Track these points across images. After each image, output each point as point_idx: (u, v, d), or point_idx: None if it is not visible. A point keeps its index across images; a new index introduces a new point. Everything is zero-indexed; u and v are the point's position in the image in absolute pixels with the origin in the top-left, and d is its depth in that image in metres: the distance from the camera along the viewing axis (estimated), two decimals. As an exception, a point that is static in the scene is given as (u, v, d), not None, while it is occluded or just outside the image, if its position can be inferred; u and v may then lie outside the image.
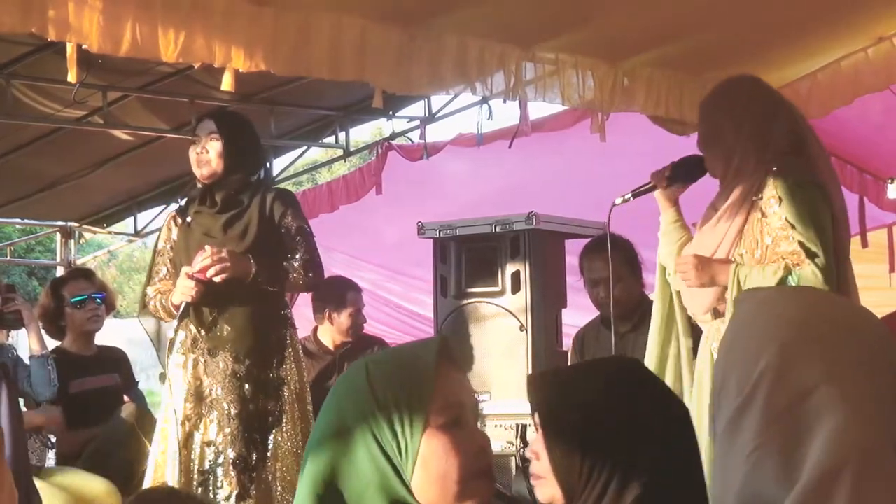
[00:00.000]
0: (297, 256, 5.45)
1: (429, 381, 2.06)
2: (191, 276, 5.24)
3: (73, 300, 6.93)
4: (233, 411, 5.27)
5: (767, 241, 4.56)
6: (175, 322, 5.48)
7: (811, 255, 4.44)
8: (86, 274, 7.38)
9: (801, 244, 4.46)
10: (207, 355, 5.34)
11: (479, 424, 2.17)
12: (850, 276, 4.62)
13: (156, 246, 5.77)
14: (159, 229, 5.88)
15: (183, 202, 5.80)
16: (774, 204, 4.55)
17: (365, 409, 2.04)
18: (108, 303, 7.17)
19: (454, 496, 2.05)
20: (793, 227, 4.49)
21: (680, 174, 4.95)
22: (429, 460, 2.03)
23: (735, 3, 5.61)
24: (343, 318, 7.36)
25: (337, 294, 7.38)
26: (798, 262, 4.45)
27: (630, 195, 5.03)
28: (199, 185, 5.55)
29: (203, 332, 5.35)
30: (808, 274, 4.43)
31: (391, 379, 2.07)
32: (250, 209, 5.44)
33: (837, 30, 6.09)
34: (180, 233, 5.54)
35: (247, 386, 5.29)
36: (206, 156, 5.41)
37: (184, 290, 5.28)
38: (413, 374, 2.07)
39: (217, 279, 5.23)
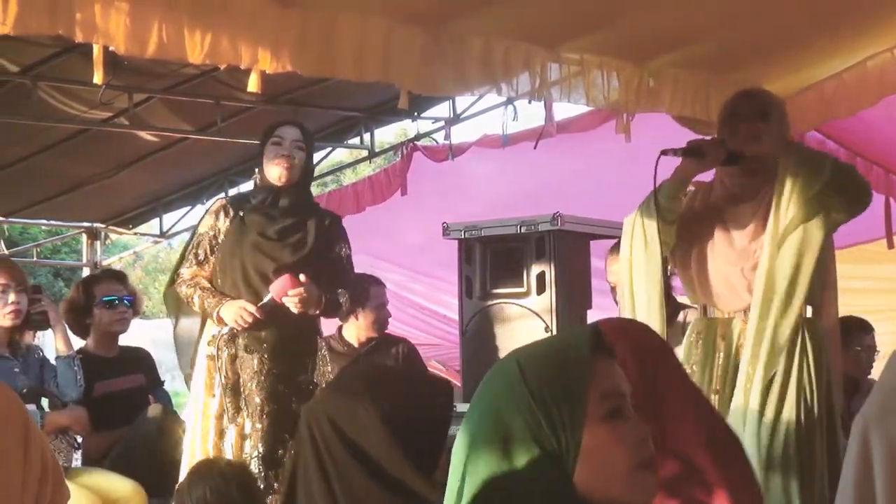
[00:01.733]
0: (347, 286, 5.71)
1: (586, 370, 2.00)
2: (259, 309, 5.40)
3: (103, 299, 6.93)
4: (266, 408, 5.40)
5: None
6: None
7: None
8: (118, 276, 7.39)
9: None
10: (244, 352, 5.46)
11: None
12: None
13: (196, 229, 5.83)
14: (198, 224, 5.91)
15: (234, 193, 5.91)
16: None
17: (521, 405, 1.96)
18: (135, 307, 7.18)
19: (621, 489, 1.98)
20: None
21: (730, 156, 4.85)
22: (592, 453, 1.95)
23: (760, 3, 5.60)
24: (368, 312, 7.35)
25: (360, 290, 7.40)
26: None
27: (680, 151, 4.83)
28: (258, 184, 5.67)
29: (241, 331, 5.47)
30: None
31: (546, 371, 2.00)
32: (308, 224, 5.57)
33: (863, 30, 6.07)
34: (232, 226, 5.62)
35: (280, 386, 5.40)
36: (292, 161, 5.53)
37: (237, 319, 5.42)
38: (568, 364, 2.01)
39: (292, 308, 5.40)
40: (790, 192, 4.60)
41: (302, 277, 5.36)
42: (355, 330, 7.40)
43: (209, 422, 5.48)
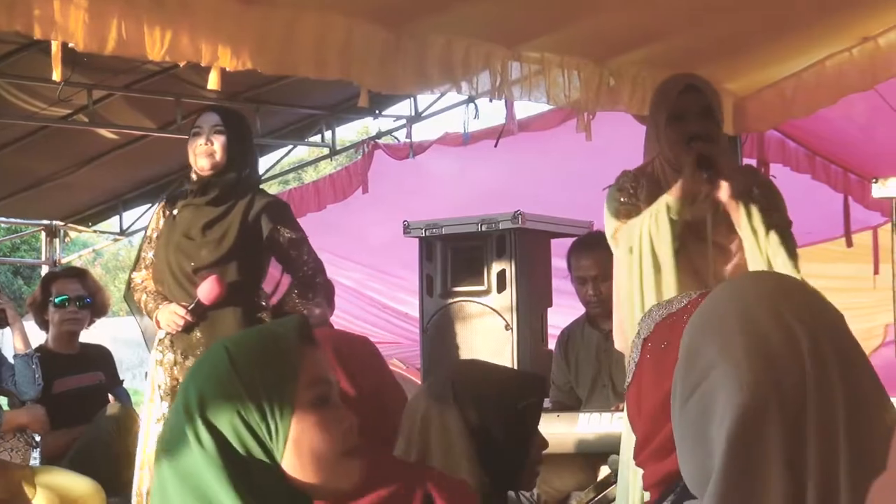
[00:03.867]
0: (297, 275, 5.57)
1: (294, 358, 2.01)
2: (189, 312, 5.28)
3: (56, 299, 6.89)
4: None
5: None
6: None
7: None
8: (79, 274, 7.32)
9: None
10: (181, 357, 5.35)
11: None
12: None
13: (146, 231, 5.77)
14: (146, 226, 5.85)
15: (177, 193, 5.75)
16: None
17: (230, 393, 1.96)
18: (97, 306, 7.11)
19: (328, 476, 2.01)
20: None
21: None
22: (300, 440, 1.97)
23: (719, 2, 5.62)
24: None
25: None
26: None
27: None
28: (194, 179, 5.50)
29: (176, 334, 5.36)
30: None
31: (255, 359, 2.00)
32: (233, 213, 5.41)
33: (822, 29, 6.10)
34: (165, 226, 5.52)
35: None
36: (212, 147, 5.36)
37: (170, 324, 5.31)
38: (277, 351, 2.02)
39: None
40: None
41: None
42: None
43: (151, 426, 5.41)
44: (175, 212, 5.51)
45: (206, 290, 5.26)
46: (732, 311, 1.66)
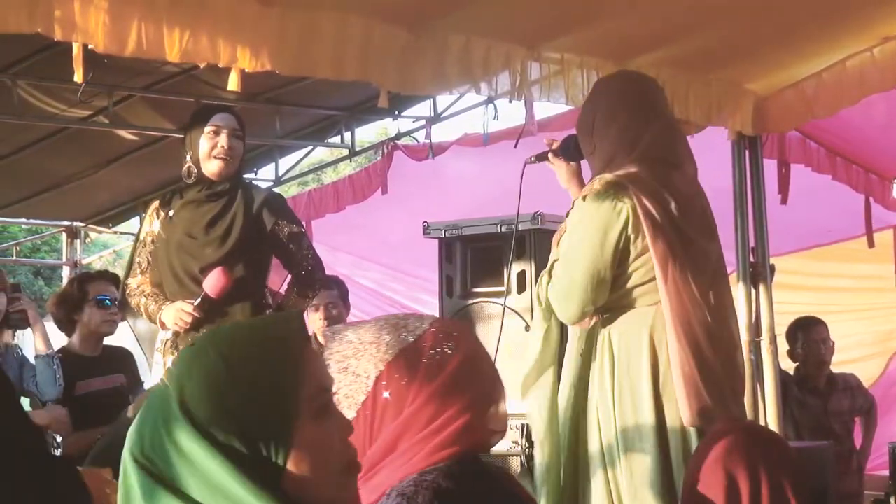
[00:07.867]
0: (297, 271, 5.53)
1: (298, 364, 1.83)
2: (196, 308, 5.23)
3: (97, 298, 6.88)
4: None
5: None
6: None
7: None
8: (114, 279, 7.35)
9: None
10: None
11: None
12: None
13: (138, 235, 5.71)
14: (137, 231, 5.79)
15: (169, 194, 5.68)
16: None
17: (225, 399, 1.76)
18: (124, 310, 7.14)
19: (331, 492, 1.84)
20: None
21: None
22: (303, 455, 1.79)
23: (741, 2, 5.61)
24: (312, 317, 7.23)
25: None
26: None
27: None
28: (194, 177, 5.47)
29: (184, 333, 5.31)
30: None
31: (255, 364, 1.80)
32: (234, 208, 5.40)
33: (842, 29, 6.08)
34: (162, 227, 5.48)
35: None
36: (231, 153, 5.37)
37: (177, 322, 5.26)
38: (280, 355, 1.83)
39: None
40: None
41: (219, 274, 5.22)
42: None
43: None
44: (171, 213, 5.47)
45: (213, 282, 5.22)
46: None
